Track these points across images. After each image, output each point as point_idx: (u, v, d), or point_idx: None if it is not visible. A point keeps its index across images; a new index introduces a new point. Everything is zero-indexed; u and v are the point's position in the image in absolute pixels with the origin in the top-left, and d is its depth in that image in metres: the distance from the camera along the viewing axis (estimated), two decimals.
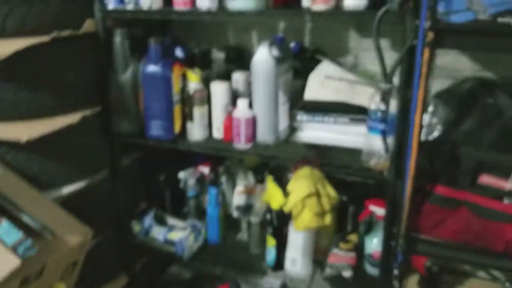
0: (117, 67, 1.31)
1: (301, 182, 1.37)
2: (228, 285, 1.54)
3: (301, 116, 1.28)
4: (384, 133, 1.01)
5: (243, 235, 1.79)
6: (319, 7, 1.09)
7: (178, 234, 1.50)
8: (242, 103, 1.26)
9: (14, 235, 0.96)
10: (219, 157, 1.57)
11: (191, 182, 1.59)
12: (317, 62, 1.39)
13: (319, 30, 1.44)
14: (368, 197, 1.41)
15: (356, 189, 1.43)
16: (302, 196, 1.33)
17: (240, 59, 1.51)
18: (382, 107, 1.00)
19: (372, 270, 1.40)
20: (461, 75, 1.26)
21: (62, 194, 1.29)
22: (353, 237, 1.39)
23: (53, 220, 1.07)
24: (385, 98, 0.99)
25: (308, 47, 1.45)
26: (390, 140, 1.03)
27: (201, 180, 1.60)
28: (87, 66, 1.32)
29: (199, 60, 1.40)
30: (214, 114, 1.34)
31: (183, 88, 1.33)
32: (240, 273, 1.74)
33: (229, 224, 1.59)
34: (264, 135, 1.27)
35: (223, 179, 1.55)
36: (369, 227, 1.41)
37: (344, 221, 1.42)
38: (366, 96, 1.19)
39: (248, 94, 1.35)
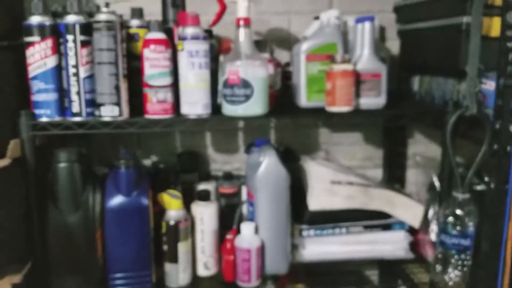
0: (62, 204, 0.90)
1: None
2: None
3: (308, 231, 1.08)
4: (465, 249, 0.90)
5: None
6: (341, 109, 0.95)
7: None
8: (248, 227, 0.99)
9: None
10: None
11: None
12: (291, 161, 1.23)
13: (284, 127, 1.29)
14: None
15: None
16: None
17: (196, 166, 1.24)
18: (463, 220, 0.89)
19: None
20: None
21: None
22: None
23: None
24: (463, 210, 0.89)
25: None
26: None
27: None
28: (12, 209, 0.87)
29: (164, 178, 1.08)
30: (200, 246, 1.03)
31: (157, 220, 0.99)
32: None
33: None
34: (275, 264, 1.02)
35: None
36: None
37: None
38: (385, 200, 1.08)
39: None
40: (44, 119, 0.91)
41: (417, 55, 1.14)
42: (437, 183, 1.12)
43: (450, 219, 0.89)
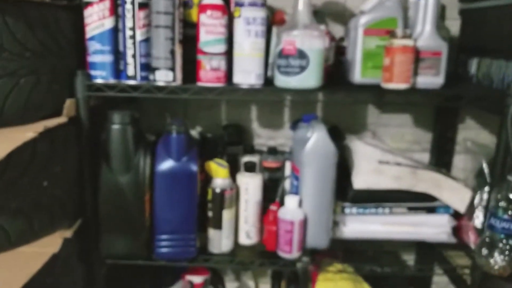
0: (114, 165, 0.91)
1: (342, 285, 1.15)
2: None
3: (350, 209, 1.08)
4: None
5: None
6: (398, 86, 0.92)
7: None
8: (292, 200, 0.99)
9: None
10: None
11: None
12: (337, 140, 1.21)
13: (332, 104, 1.27)
14: None
15: (390, 281, 1.26)
16: None
17: (241, 139, 1.23)
18: None
19: None
20: None
21: None
22: None
23: None
24: None
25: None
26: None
27: None
28: (67, 166, 0.89)
29: (211, 148, 1.09)
30: (243, 216, 1.03)
31: (203, 187, 1.00)
32: None
33: None
34: (317, 238, 1.02)
35: None
36: None
37: None
38: (433, 183, 1.06)
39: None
40: (99, 81, 0.93)
41: (478, 36, 1.09)
42: (486, 170, 1.09)
43: (502, 203, 0.87)
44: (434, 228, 1.09)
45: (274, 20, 1.04)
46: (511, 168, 0.90)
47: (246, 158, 1.11)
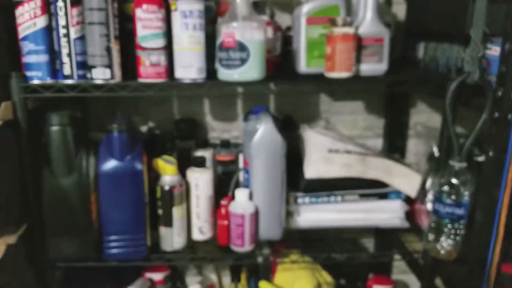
0: (56, 167, 0.89)
1: (300, 274, 1.16)
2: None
3: (303, 199, 1.08)
4: (458, 218, 0.89)
5: None
6: (340, 75, 0.92)
7: None
8: (242, 194, 0.99)
9: None
10: None
11: None
12: (291, 130, 1.21)
13: (282, 94, 1.26)
14: (366, 275, 1.28)
15: (350, 268, 1.27)
16: None
17: (194, 134, 1.22)
18: (458, 189, 0.87)
19: None
20: None
21: None
22: None
23: None
24: (459, 179, 0.87)
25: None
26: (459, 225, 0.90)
27: None
28: (5, 171, 0.87)
29: (160, 144, 1.07)
30: (195, 211, 1.03)
31: (153, 185, 0.99)
32: None
33: None
34: (269, 230, 1.03)
35: None
36: None
37: None
38: (383, 169, 1.07)
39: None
40: (35, 81, 0.90)
41: (423, 20, 1.10)
42: (436, 153, 1.10)
43: (445, 188, 0.88)
44: (386, 213, 1.10)
45: (219, 11, 1.02)
46: (455, 152, 0.91)
47: (198, 153, 1.10)
